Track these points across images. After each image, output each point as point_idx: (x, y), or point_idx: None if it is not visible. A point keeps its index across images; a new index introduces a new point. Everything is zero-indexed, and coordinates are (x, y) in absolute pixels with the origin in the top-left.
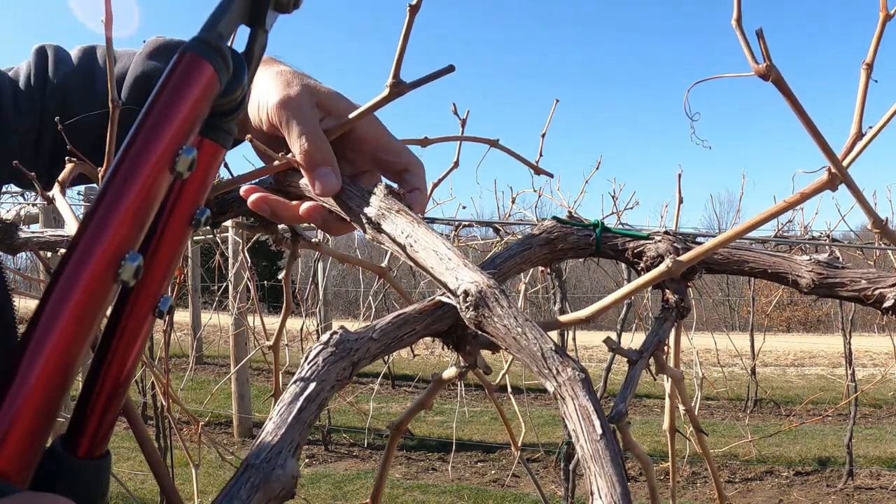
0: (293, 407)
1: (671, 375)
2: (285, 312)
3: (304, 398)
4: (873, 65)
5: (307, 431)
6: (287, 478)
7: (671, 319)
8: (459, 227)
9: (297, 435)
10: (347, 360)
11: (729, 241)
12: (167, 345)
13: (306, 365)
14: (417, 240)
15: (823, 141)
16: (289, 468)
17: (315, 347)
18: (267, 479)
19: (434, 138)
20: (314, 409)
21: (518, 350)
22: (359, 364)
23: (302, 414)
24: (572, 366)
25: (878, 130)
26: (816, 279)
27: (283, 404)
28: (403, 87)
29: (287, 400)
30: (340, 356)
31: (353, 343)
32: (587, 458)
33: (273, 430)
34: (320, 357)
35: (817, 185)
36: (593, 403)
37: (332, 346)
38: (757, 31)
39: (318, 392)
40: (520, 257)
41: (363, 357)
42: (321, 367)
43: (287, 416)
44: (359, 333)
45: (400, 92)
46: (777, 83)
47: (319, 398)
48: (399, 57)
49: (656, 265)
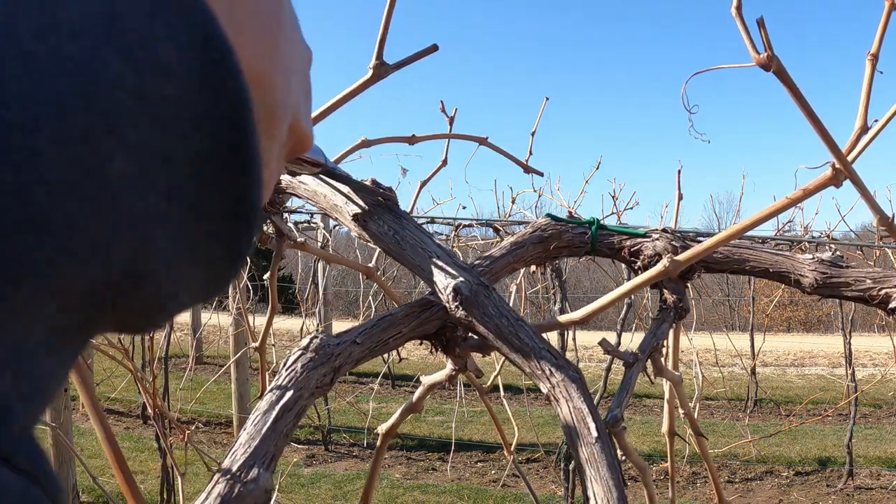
0: (268, 417)
1: (669, 378)
2: (271, 313)
3: (280, 407)
4: (879, 55)
5: (284, 442)
6: (259, 492)
7: (669, 320)
8: (459, 227)
9: (273, 446)
10: (328, 366)
11: (729, 240)
12: (167, 345)
13: (284, 371)
14: (405, 237)
15: (827, 134)
16: (261, 482)
17: (294, 353)
18: (238, 496)
19: (421, 136)
20: (291, 419)
21: (510, 350)
22: (340, 370)
23: (278, 424)
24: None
25: (883, 124)
26: (820, 279)
27: (258, 413)
28: (387, 68)
29: (262, 409)
30: (321, 362)
31: (334, 348)
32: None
33: (246, 441)
34: (299, 363)
35: (821, 181)
36: (588, 405)
37: (312, 351)
38: (758, 19)
39: (295, 400)
40: (512, 256)
41: (345, 362)
42: (299, 374)
43: (262, 426)
44: (340, 338)
45: (383, 74)
46: (779, 74)
47: (297, 407)
48: (382, 37)
49: (653, 264)
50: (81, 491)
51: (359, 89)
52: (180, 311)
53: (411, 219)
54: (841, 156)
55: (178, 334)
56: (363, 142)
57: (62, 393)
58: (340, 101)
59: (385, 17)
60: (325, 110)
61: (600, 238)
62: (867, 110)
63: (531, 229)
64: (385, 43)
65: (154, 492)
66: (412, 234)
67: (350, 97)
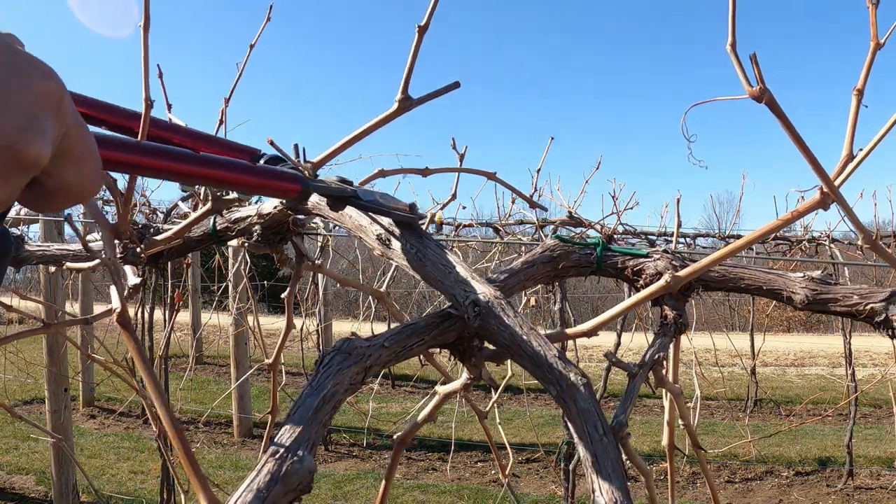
0: (310, 405)
1: (669, 390)
2: (286, 331)
3: (321, 398)
4: (864, 91)
5: (323, 430)
6: (304, 472)
7: (669, 335)
8: (459, 227)
9: (314, 433)
10: (360, 366)
11: (726, 258)
12: (167, 345)
13: (321, 369)
14: (426, 254)
15: (816, 162)
16: (306, 463)
17: (329, 352)
18: (286, 473)
19: (434, 169)
20: (329, 410)
21: (523, 358)
22: (371, 370)
23: (318, 413)
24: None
25: (867, 153)
26: (810, 295)
27: (299, 404)
28: (412, 102)
29: (303, 400)
30: (354, 361)
31: (365, 349)
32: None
33: (290, 427)
34: (335, 361)
35: (810, 204)
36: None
37: (345, 351)
38: (751, 55)
39: (332, 393)
40: (524, 274)
41: (375, 363)
42: (335, 371)
43: (305, 413)
44: (370, 340)
45: (408, 107)
46: (770, 105)
47: (334, 399)
48: (408, 74)
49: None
50: (81, 491)
51: (384, 121)
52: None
53: (431, 238)
54: (829, 181)
55: (178, 334)
56: (380, 172)
57: (62, 393)
58: (366, 131)
59: (412, 55)
60: (351, 140)
61: (605, 258)
62: (853, 140)
63: (541, 249)
64: (410, 79)
65: (154, 492)
66: (433, 251)
67: (375, 128)
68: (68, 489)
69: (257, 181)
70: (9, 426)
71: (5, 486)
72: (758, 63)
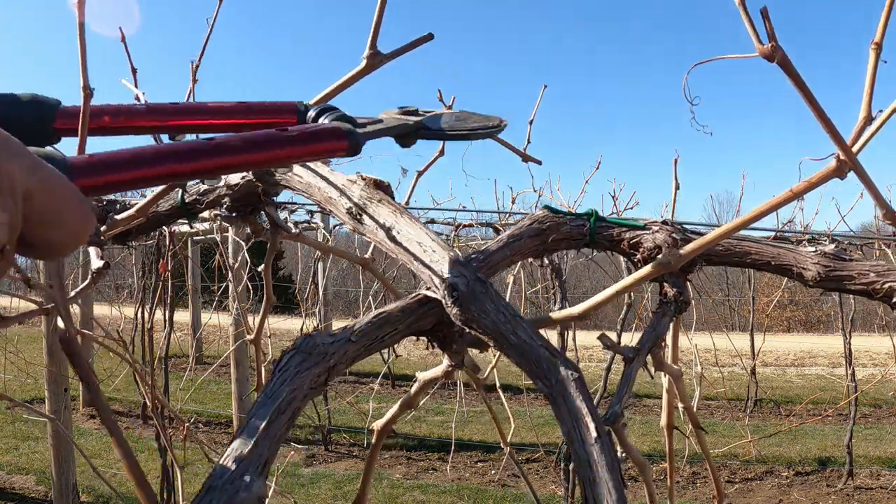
0: (262, 416)
1: (669, 372)
2: (266, 304)
3: (275, 409)
4: (882, 44)
5: (277, 446)
6: (252, 500)
7: (669, 314)
8: (459, 227)
9: (266, 450)
10: (322, 366)
11: (731, 233)
12: (167, 345)
13: (276, 373)
14: (400, 231)
15: (831, 126)
16: (254, 490)
17: (286, 353)
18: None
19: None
20: (285, 422)
21: (508, 348)
22: (335, 369)
23: (272, 427)
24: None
25: (889, 115)
26: (823, 272)
27: (251, 415)
28: (381, 57)
29: (255, 410)
30: (315, 362)
31: (328, 347)
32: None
33: (238, 447)
34: (292, 363)
35: (825, 172)
36: (588, 406)
37: (305, 351)
38: (762, 10)
39: (288, 403)
40: (509, 249)
41: (340, 361)
42: (292, 376)
43: (256, 427)
44: (334, 336)
45: (377, 63)
46: (783, 65)
47: (291, 408)
48: (376, 26)
49: (653, 257)
50: (81, 491)
51: (352, 80)
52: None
53: (406, 211)
54: (845, 147)
55: (178, 334)
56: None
57: (62, 393)
58: (333, 91)
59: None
60: (319, 100)
61: (599, 230)
62: (871, 100)
63: (528, 221)
64: (379, 32)
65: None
66: (407, 226)
67: (343, 88)
68: (68, 489)
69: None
70: (9, 426)
71: (5, 486)
72: (769, 18)
